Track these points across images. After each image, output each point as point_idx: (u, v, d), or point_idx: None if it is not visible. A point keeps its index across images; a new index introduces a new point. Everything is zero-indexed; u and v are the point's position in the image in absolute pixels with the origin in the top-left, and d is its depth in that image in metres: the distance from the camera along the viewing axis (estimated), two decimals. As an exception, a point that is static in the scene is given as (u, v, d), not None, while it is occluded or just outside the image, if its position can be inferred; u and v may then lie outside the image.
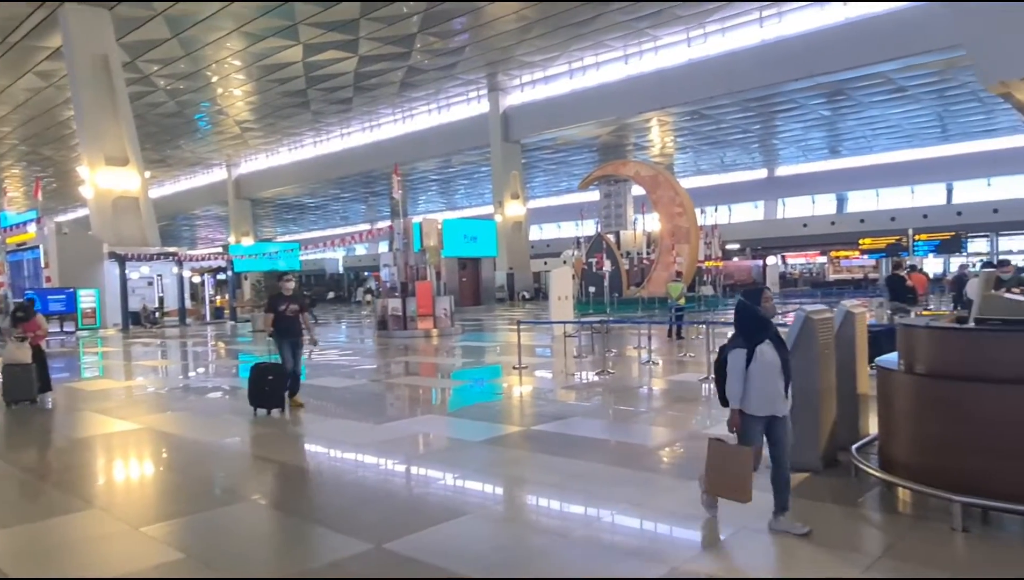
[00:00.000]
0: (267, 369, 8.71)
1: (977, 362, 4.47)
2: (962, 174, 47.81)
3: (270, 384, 8.61)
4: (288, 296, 9.09)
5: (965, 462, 4.33)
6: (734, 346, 4.35)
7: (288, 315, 8.97)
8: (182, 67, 35.09)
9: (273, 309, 9.04)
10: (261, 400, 8.62)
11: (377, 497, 5.46)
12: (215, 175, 62.80)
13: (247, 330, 25.80)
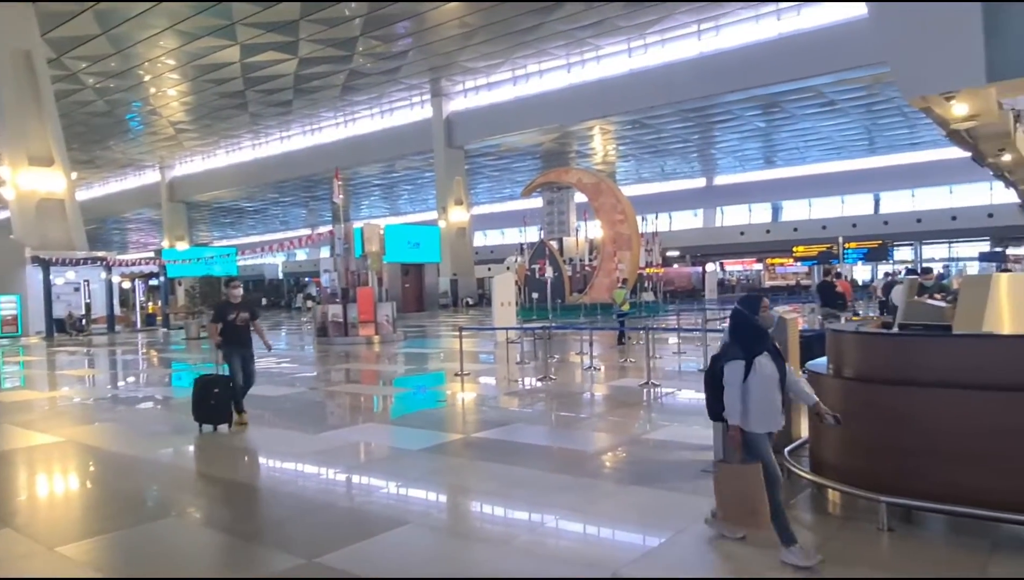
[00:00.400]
0: (212, 382, 8.14)
1: (901, 366, 4.64)
2: (888, 185, 49.99)
3: (216, 398, 8.02)
4: (237, 304, 8.48)
5: (890, 463, 4.48)
6: (730, 357, 4.02)
7: (238, 325, 8.38)
8: (112, 65, 33.83)
9: (221, 318, 8.39)
10: (206, 415, 8.04)
11: (314, 509, 5.32)
12: (148, 177, 60.75)
13: (180, 338, 24.98)
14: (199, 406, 8.04)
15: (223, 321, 8.37)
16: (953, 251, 47.17)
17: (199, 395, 8.05)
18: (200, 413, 8.06)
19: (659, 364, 12.99)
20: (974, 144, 6.17)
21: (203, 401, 8.02)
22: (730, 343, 4.08)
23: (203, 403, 8.02)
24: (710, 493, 5.16)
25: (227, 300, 8.60)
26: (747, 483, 3.89)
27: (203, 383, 8.11)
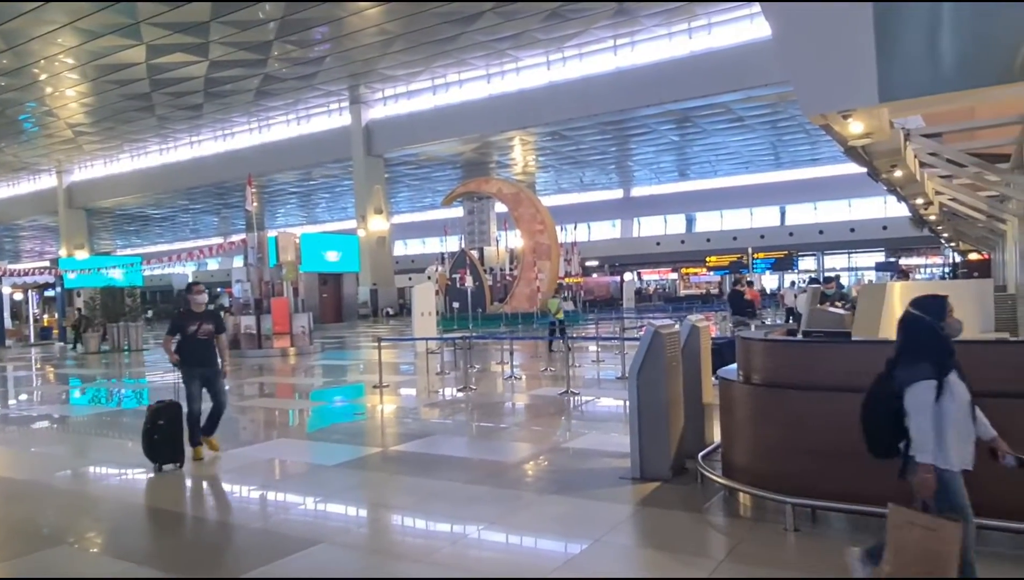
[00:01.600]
0: (159, 412, 6.77)
1: (805, 371, 4.84)
2: (793, 198, 52.55)
3: (162, 430, 6.73)
4: (200, 313, 7.18)
5: (796, 465, 4.67)
6: (918, 377, 3.13)
7: (200, 338, 7.07)
8: (4, 62, 31.71)
9: (179, 330, 7.08)
10: (152, 451, 6.78)
11: (222, 531, 5.09)
12: (43, 182, 57.20)
13: (79, 352, 23.58)
14: (146, 440, 6.77)
15: (181, 333, 7.10)
16: (852, 261, 49.96)
17: (146, 427, 6.79)
18: (149, 449, 6.79)
19: (578, 373, 13.16)
20: (869, 160, 6.56)
21: (148, 435, 6.77)
22: (911, 358, 3.21)
23: (148, 437, 6.77)
24: (628, 500, 5.27)
25: (187, 308, 7.25)
26: (942, 542, 3.00)
27: (151, 412, 6.82)
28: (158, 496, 6.40)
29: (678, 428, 5.79)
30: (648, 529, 4.88)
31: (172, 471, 6.71)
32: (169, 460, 6.74)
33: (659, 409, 5.61)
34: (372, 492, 6.13)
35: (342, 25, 29.95)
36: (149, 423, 6.73)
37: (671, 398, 5.69)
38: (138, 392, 13.74)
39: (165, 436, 6.74)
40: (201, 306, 7.29)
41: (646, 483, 5.58)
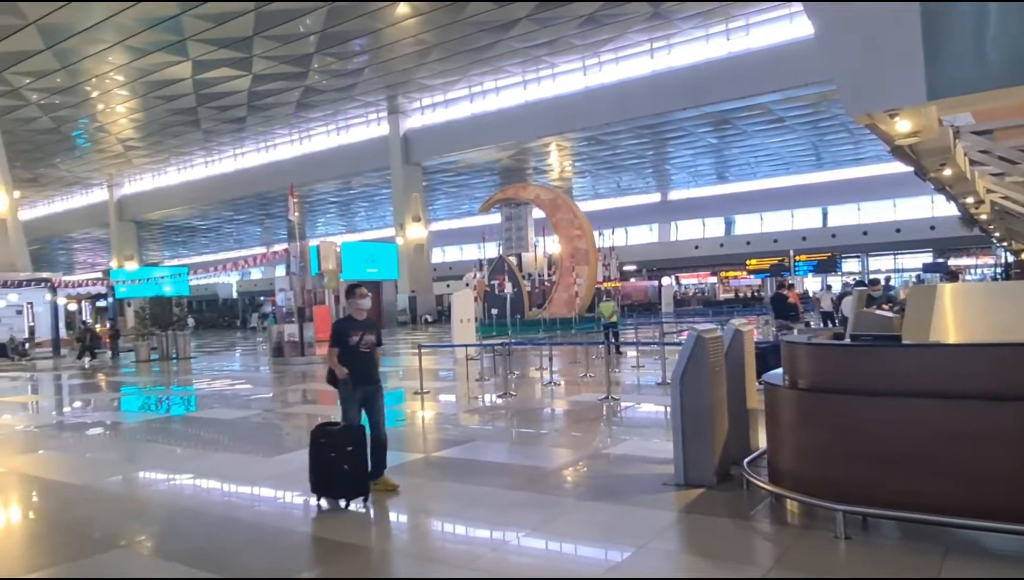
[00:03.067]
0: (340, 436, 5.65)
1: (852, 376, 4.74)
2: (836, 199, 51.50)
3: (349, 459, 5.54)
4: (362, 321, 6.16)
5: (845, 472, 4.57)
6: None
7: (363, 350, 6.05)
8: (58, 81, 32.91)
9: (341, 342, 6.01)
10: (334, 485, 5.61)
11: (268, 536, 5.18)
12: (95, 196, 59.13)
13: (130, 360, 24.26)
14: (322, 473, 5.64)
15: (343, 346, 6.02)
16: (898, 262, 48.73)
17: (321, 456, 5.64)
18: (323, 482, 5.65)
19: (618, 378, 13.08)
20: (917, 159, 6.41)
21: (327, 465, 5.58)
22: None
23: (328, 468, 5.58)
24: (672, 506, 5.22)
25: (349, 316, 6.31)
26: None
27: (327, 438, 5.67)
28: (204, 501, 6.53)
29: (722, 434, 5.71)
30: (693, 536, 4.83)
31: (355, 509, 5.59)
32: (357, 494, 5.59)
33: (703, 414, 5.55)
34: (414, 497, 6.16)
35: (380, 36, 30.39)
36: (330, 451, 5.55)
37: (715, 403, 5.63)
38: (206, 398, 14.08)
39: (355, 465, 5.56)
40: (364, 313, 6.25)
41: (690, 489, 5.51)
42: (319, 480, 5.64)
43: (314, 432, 5.74)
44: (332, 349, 6.09)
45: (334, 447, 5.55)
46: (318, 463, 5.62)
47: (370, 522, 5.55)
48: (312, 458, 5.67)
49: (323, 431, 5.71)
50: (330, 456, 5.51)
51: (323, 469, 5.59)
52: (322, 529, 5.30)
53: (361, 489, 5.60)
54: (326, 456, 5.55)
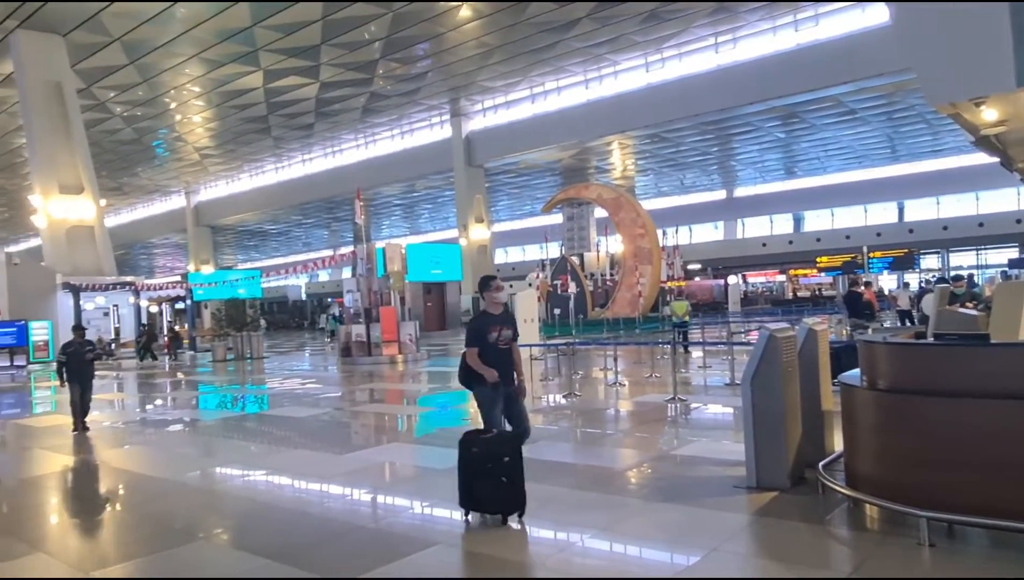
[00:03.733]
0: (495, 444, 5.09)
1: (936, 376, 4.54)
2: (912, 193, 49.35)
3: (508, 470, 5.00)
4: (498, 315, 5.72)
5: (928, 476, 4.38)
6: None
7: (500, 347, 5.60)
8: (139, 93, 34.55)
9: (480, 340, 5.56)
10: (490, 499, 5.09)
11: (344, 531, 5.31)
12: (174, 202, 61.75)
13: (207, 360, 25.25)
14: (472, 483, 5.11)
15: (482, 344, 5.56)
16: (981, 258, 46.36)
17: (471, 465, 5.10)
18: (470, 493, 5.14)
19: (684, 378, 12.87)
20: (1003, 149, 6.07)
21: (482, 476, 5.04)
22: None
23: (482, 480, 5.05)
24: (744, 509, 5.11)
25: (483, 311, 5.79)
26: None
27: (479, 446, 5.11)
28: (280, 496, 6.73)
29: (796, 436, 5.55)
30: (768, 540, 4.71)
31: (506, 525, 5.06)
32: (514, 508, 5.06)
33: (775, 416, 5.41)
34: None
35: (443, 40, 30.76)
36: (484, 461, 5.03)
37: (788, 404, 5.47)
38: (287, 395, 14.56)
39: (513, 476, 5.03)
40: (499, 306, 5.76)
41: (763, 492, 5.38)
42: (471, 493, 5.11)
43: (465, 440, 5.20)
44: (471, 348, 5.57)
45: (490, 457, 5.00)
46: (470, 475, 5.08)
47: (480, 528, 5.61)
48: (463, 469, 5.13)
49: (475, 439, 5.16)
50: (485, 467, 4.99)
51: (477, 481, 5.05)
52: (476, 544, 4.89)
53: (521, 503, 5.03)
54: (481, 467, 5.01)
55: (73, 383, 10.24)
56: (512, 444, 5.13)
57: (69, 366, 10.29)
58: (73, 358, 10.30)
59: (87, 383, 10.37)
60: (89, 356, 10.46)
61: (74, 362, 10.29)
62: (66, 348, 10.51)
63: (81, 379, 10.29)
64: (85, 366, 10.37)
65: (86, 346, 10.55)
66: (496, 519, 5.08)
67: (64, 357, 10.39)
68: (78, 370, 10.29)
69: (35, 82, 28.04)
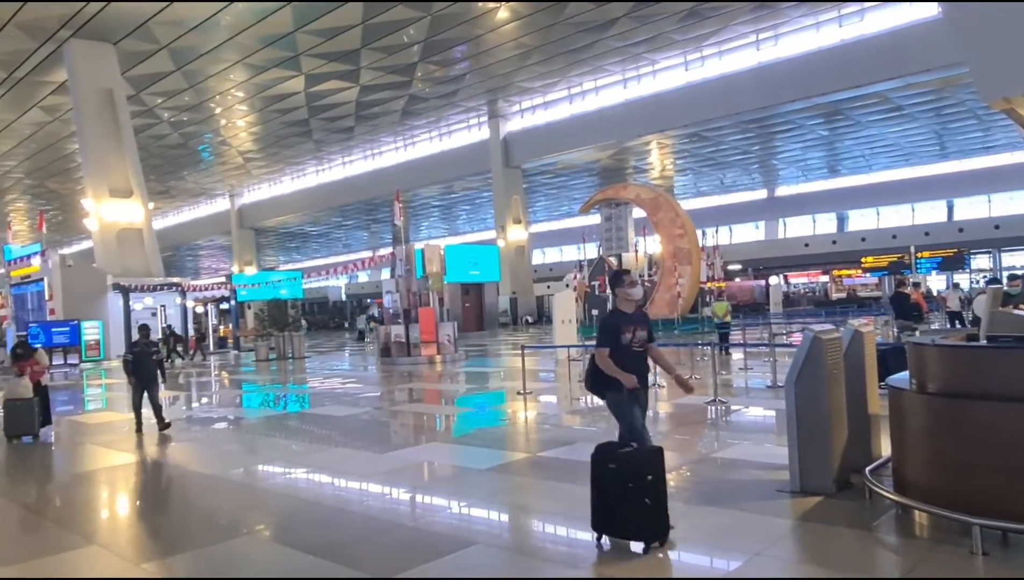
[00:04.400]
0: (636, 460, 4.49)
1: (989, 380, 4.40)
2: (962, 191, 47.91)
3: (651, 490, 4.39)
4: (633, 314, 5.17)
5: (982, 483, 4.24)
6: None
7: (635, 349, 5.07)
8: (186, 99, 35.44)
9: (613, 340, 4.97)
10: (630, 523, 4.46)
11: (384, 529, 5.36)
12: (218, 205, 63.17)
13: (251, 359, 25.74)
14: (614, 504, 4.48)
15: (616, 344, 4.98)
16: (1036, 258, 44.77)
17: (612, 483, 4.47)
18: (606, 515, 4.52)
19: (725, 380, 12.70)
20: (1060, 145, 5.85)
21: (624, 496, 4.42)
22: None
23: (624, 500, 4.42)
24: (788, 514, 5.02)
25: (616, 308, 5.21)
26: None
27: (617, 461, 4.52)
28: (322, 494, 6.81)
29: (841, 440, 5.43)
30: (813, 545, 4.61)
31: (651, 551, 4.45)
32: (654, 535, 4.44)
33: (820, 419, 5.30)
34: (523, 497, 6.23)
35: (480, 42, 30.89)
36: (625, 477, 4.41)
37: (833, 408, 5.36)
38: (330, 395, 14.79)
39: (656, 496, 4.43)
40: (633, 304, 5.19)
41: (807, 497, 5.28)
42: (607, 515, 4.50)
43: (599, 454, 4.60)
44: (601, 349, 4.97)
45: (631, 475, 4.40)
46: (607, 494, 4.48)
47: (478, 519, 5.62)
48: (598, 488, 4.54)
49: (612, 453, 4.55)
50: (626, 487, 4.38)
51: (615, 502, 4.44)
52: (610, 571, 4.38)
53: (665, 528, 4.46)
54: (620, 486, 4.40)
55: (138, 383, 10.21)
56: (655, 460, 4.51)
57: (135, 366, 10.22)
58: (139, 358, 10.24)
59: (153, 383, 10.26)
60: (156, 357, 10.40)
61: (140, 362, 10.23)
62: (132, 348, 10.46)
63: (147, 379, 10.20)
64: (151, 366, 10.29)
65: (152, 346, 10.45)
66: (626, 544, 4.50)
67: (130, 356, 10.34)
68: (143, 370, 10.23)
69: (87, 90, 28.95)
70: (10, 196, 53.16)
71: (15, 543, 5.61)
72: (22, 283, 30.89)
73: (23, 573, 4.74)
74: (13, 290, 31.83)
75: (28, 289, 30.65)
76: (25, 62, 29.29)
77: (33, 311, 30.30)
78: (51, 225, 44.13)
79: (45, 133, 38.60)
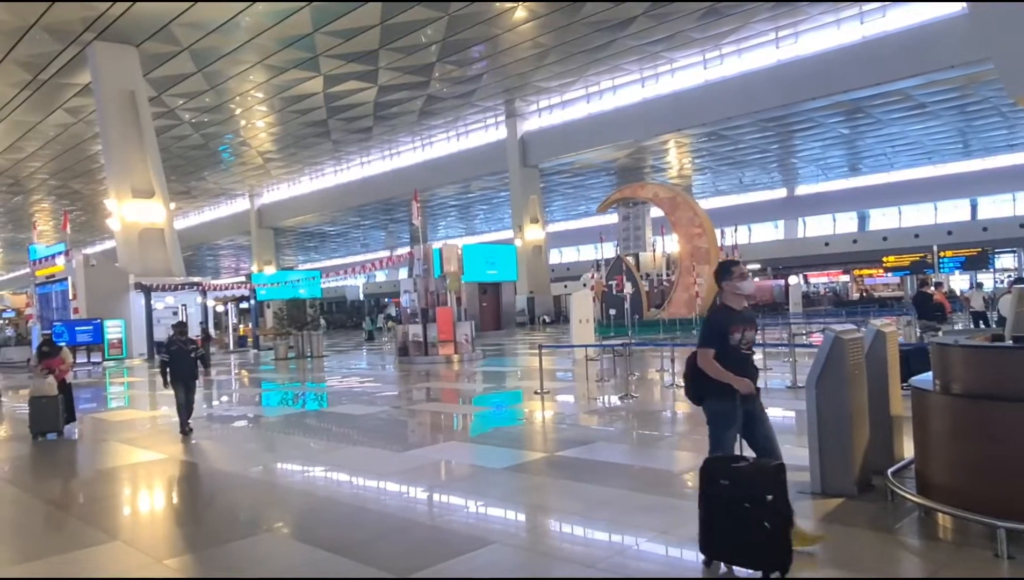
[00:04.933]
0: (754, 477, 3.96)
1: (1015, 381, 4.33)
2: (986, 189, 47.21)
3: (770, 512, 3.84)
4: (741, 312, 4.52)
5: (1007, 485, 4.18)
6: None
7: (745, 352, 4.49)
8: (207, 100, 35.79)
9: (720, 341, 4.39)
10: (748, 548, 3.93)
11: (401, 527, 5.38)
12: (238, 205, 63.74)
13: (270, 358, 25.95)
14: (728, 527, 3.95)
15: (722, 346, 4.39)
16: (1063, 257, 43.99)
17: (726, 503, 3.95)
18: (728, 541, 3.99)
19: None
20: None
21: (740, 518, 3.88)
22: None
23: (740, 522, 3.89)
24: (808, 516, 4.97)
25: (723, 305, 4.55)
26: None
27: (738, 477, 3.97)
28: (341, 492, 6.86)
29: (863, 441, 5.37)
30: (834, 548, 4.55)
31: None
32: (775, 564, 3.83)
33: (841, 420, 5.24)
34: (540, 496, 6.22)
35: (498, 42, 30.90)
36: (740, 497, 3.88)
37: (854, 409, 5.30)
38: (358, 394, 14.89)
39: (778, 522, 3.85)
40: (743, 300, 4.55)
41: (828, 499, 5.23)
42: (718, 538, 4.00)
43: (710, 469, 4.11)
44: (706, 349, 4.40)
45: (748, 494, 3.86)
46: (718, 514, 3.97)
47: (495, 518, 5.61)
48: (708, 507, 4.04)
49: (725, 468, 4.03)
50: (741, 507, 3.85)
51: (728, 524, 3.92)
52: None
53: (787, 556, 3.85)
54: (734, 506, 3.88)
55: (177, 384, 9.69)
56: (776, 478, 3.93)
57: (172, 366, 9.68)
58: (176, 357, 9.70)
59: (191, 383, 9.78)
60: (193, 355, 9.79)
61: (177, 361, 9.69)
62: (168, 346, 9.86)
63: (185, 379, 9.72)
64: (189, 365, 9.75)
65: (189, 344, 9.90)
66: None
67: (167, 356, 9.78)
68: (182, 370, 9.70)
69: (110, 91, 29.33)
70: (35, 196, 54.02)
71: (41, 538, 5.70)
72: (47, 282, 31.38)
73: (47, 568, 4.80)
74: (38, 289, 32.36)
75: (53, 288, 31.13)
76: (50, 64, 29.73)
77: (57, 310, 30.78)
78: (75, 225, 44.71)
79: (69, 135, 39.17)
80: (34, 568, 4.81)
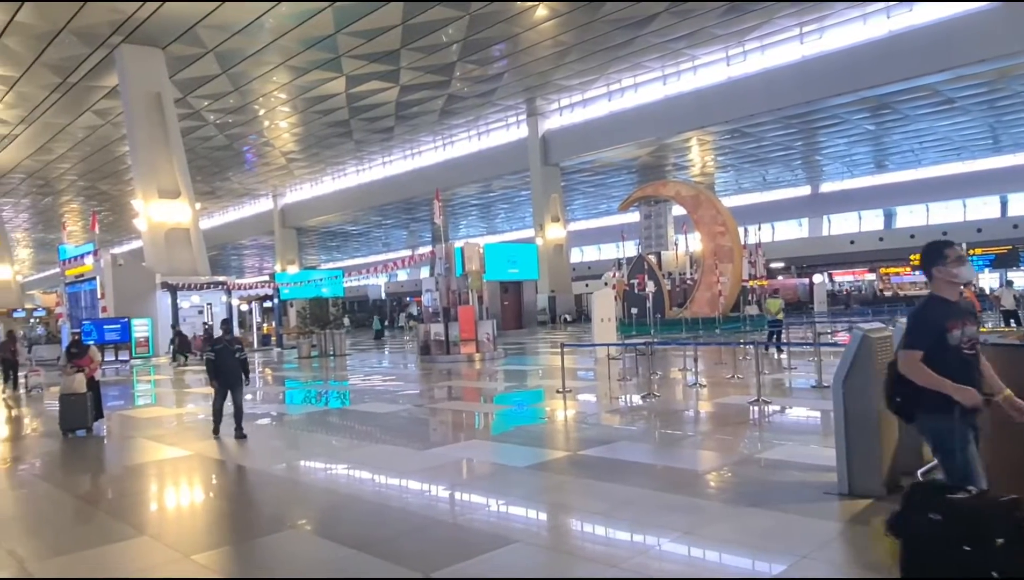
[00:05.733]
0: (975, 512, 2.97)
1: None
2: (1017, 186, 46.28)
3: (1000, 559, 2.83)
4: (957, 303, 3.67)
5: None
6: None
7: (966, 354, 3.59)
8: (231, 102, 36.21)
9: (934, 340, 3.53)
10: None
11: (424, 525, 5.39)
12: (262, 205, 64.42)
13: (293, 356, 26.17)
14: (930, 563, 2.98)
15: (938, 345, 3.53)
16: (1097, 255, 42.93)
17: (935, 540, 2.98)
18: None
19: (768, 380, 12.48)
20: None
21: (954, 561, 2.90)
22: None
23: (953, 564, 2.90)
24: (836, 517, 4.91)
25: (936, 296, 3.67)
26: None
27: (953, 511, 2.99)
28: (364, 490, 6.89)
29: (892, 441, 5.29)
30: (862, 549, 4.50)
31: None
32: None
33: (869, 420, 5.16)
34: (563, 495, 6.20)
35: (519, 41, 30.90)
36: (957, 536, 2.91)
37: (883, 408, 5.21)
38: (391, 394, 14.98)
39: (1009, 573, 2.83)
40: (957, 290, 3.73)
41: (855, 500, 5.15)
42: None
43: (915, 496, 3.14)
44: (913, 352, 3.52)
45: (970, 534, 2.90)
46: (928, 555, 2.99)
47: (518, 517, 5.61)
48: (913, 544, 3.05)
49: (936, 499, 3.07)
50: (959, 549, 2.89)
51: (940, 566, 2.94)
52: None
53: None
54: (949, 547, 2.92)
55: (221, 384, 9.43)
56: (1008, 515, 2.93)
57: (217, 366, 9.38)
58: (222, 357, 9.38)
59: (237, 384, 9.42)
60: (238, 355, 9.46)
61: (223, 361, 9.38)
62: (215, 345, 9.58)
63: (230, 380, 9.39)
64: (235, 365, 9.42)
65: (235, 344, 9.58)
66: None
67: (212, 354, 9.50)
68: (227, 370, 9.38)
69: (137, 93, 29.78)
70: (65, 197, 55.04)
71: (70, 533, 5.80)
72: (76, 282, 31.93)
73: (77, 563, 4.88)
74: (68, 289, 32.95)
75: (82, 288, 31.68)
76: (79, 67, 30.27)
77: (86, 309, 31.31)
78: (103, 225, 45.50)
79: (97, 136, 39.85)
80: (64, 562, 4.89)
